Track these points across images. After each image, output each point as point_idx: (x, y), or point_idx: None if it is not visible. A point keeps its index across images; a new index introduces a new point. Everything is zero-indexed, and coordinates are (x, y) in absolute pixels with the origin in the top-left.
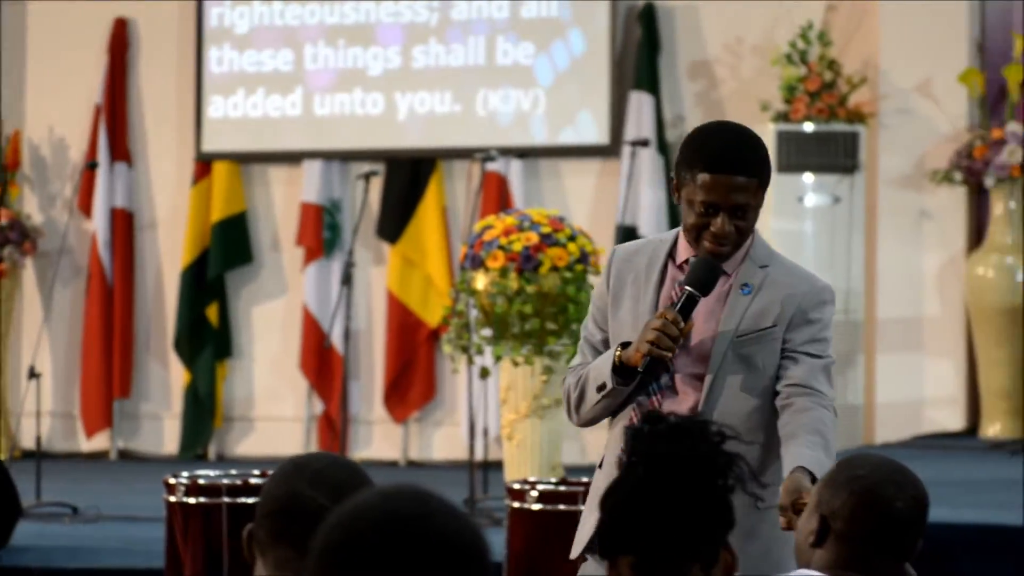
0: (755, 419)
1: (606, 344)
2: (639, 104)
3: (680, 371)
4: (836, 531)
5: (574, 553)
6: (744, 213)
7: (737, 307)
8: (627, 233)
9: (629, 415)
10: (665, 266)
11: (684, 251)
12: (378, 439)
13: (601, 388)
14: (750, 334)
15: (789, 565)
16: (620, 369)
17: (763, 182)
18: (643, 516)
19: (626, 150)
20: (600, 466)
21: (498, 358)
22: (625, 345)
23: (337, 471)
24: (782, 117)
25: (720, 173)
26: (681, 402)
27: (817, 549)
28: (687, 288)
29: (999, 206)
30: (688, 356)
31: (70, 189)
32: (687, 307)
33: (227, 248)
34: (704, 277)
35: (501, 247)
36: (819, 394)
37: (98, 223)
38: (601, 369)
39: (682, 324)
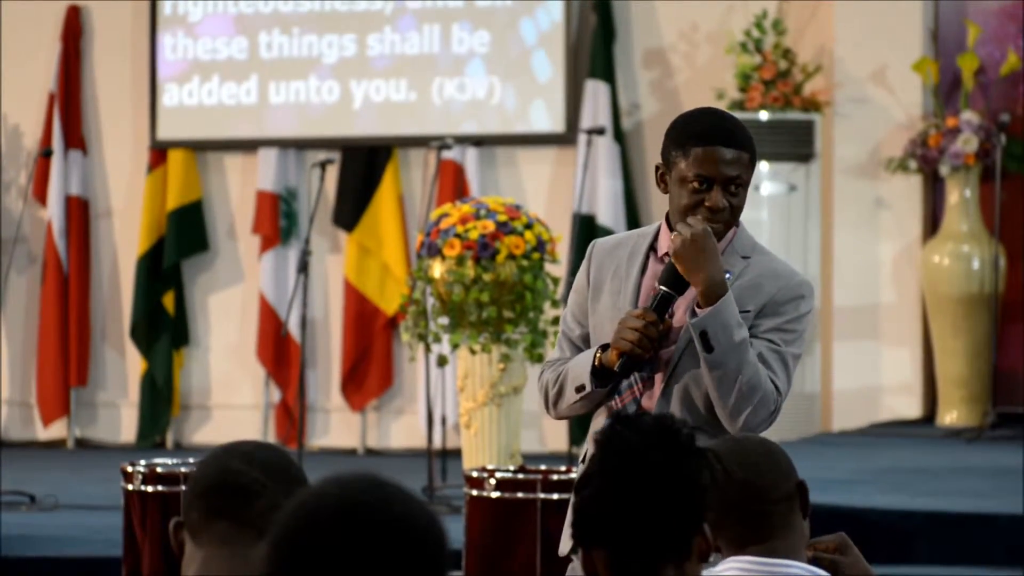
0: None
1: (584, 340)
2: (595, 92)
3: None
4: None
5: (562, 550)
6: (737, 188)
7: None
8: (584, 222)
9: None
10: (646, 259)
11: (666, 243)
12: (336, 427)
13: (580, 389)
14: None
15: None
16: (599, 371)
17: (752, 158)
18: (616, 515)
19: (582, 138)
20: (583, 460)
21: (455, 346)
22: (605, 348)
23: (266, 452)
24: (737, 105)
25: (713, 145)
26: (655, 387)
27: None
28: (662, 288)
29: (954, 194)
30: (667, 344)
31: (25, 177)
32: (663, 307)
33: (183, 236)
34: (678, 278)
35: (458, 235)
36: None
37: (53, 211)
38: (580, 370)
39: (660, 325)
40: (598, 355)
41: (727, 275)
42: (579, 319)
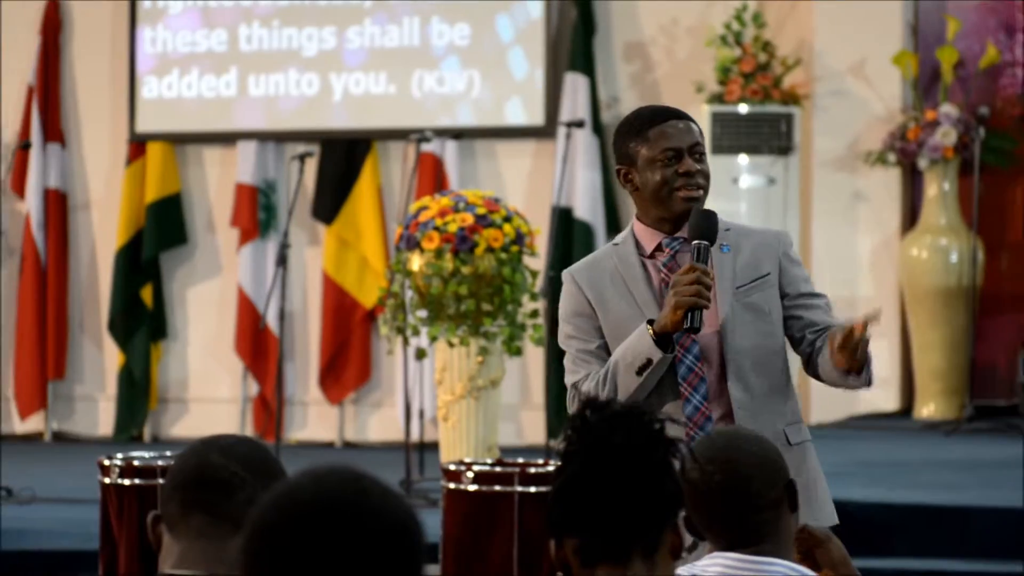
0: (772, 361)
1: (605, 349)
2: (574, 85)
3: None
4: None
5: None
6: (701, 156)
7: (725, 265)
8: (563, 214)
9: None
10: (641, 263)
11: (648, 240)
12: (314, 420)
13: (643, 368)
14: (748, 283)
15: (820, 496)
16: (659, 340)
17: (701, 132)
18: (582, 500)
19: (561, 131)
20: None
21: (434, 339)
22: (649, 323)
23: (245, 446)
24: (717, 99)
25: (667, 120)
26: (708, 365)
27: None
28: (696, 242)
29: (933, 187)
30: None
31: (3, 170)
32: (704, 259)
33: (161, 229)
34: (705, 225)
35: (436, 228)
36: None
37: (31, 204)
38: (635, 353)
39: (710, 274)
40: (650, 328)
41: (725, 247)
42: (590, 335)
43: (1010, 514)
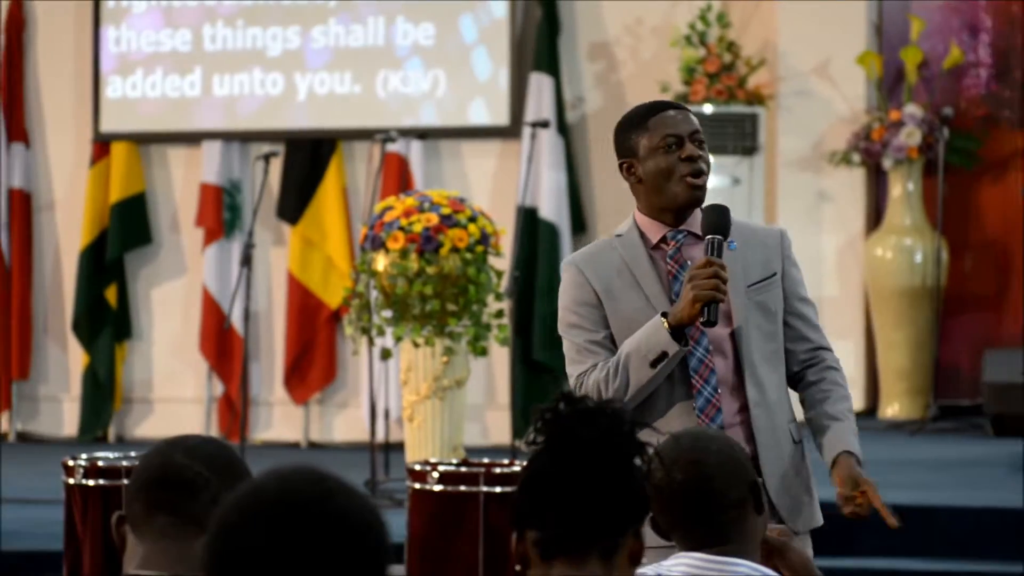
0: (777, 359)
1: (611, 339)
2: (539, 85)
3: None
4: None
5: None
6: (702, 143)
7: (735, 262)
8: (528, 215)
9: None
10: (648, 255)
11: (652, 233)
12: (279, 421)
13: (658, 360)
14: (759, 282)
15: (815, 494)
16: (674, 333)
17: (696, 122)
18: (547, 492)
19: (526, 131)
20: None
21: (399, 339)
22: (663, 315)
23: (210, 446)
24: (682, 99)
25: (665, 111)
26: (722, 359)
27: None
28: (710, 236)
29: (897, 188)
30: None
31: None
32: (719, 253)
33: (126, 229)
34: (719, 220)
35: (401, 228)
36: (831, 352)
37: None
38: (649, 346)
39: (724, 267)
40: (665, 323)
41: (732, 244)
42: (597, 326)
43: (976, 513)
